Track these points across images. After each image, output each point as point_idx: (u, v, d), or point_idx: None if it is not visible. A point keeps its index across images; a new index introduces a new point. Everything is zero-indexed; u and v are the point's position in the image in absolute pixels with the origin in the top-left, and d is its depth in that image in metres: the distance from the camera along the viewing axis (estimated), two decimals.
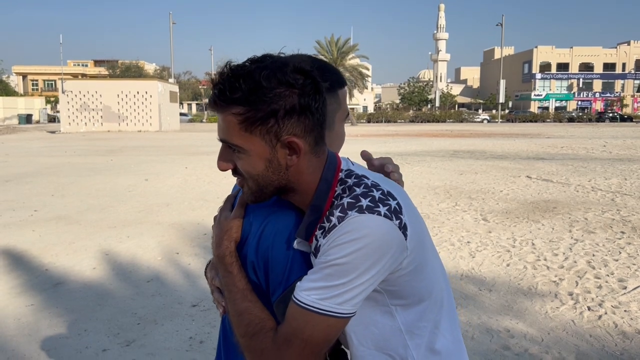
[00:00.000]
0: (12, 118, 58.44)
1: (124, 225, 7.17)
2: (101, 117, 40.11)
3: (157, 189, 10.39)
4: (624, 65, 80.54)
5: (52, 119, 62.53)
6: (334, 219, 1.02)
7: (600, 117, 61.83)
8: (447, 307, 1.19)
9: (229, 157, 1.08)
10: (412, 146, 21.73)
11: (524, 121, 61.21)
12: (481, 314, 4.08)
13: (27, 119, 57.39)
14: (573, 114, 66.37)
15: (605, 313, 4.12)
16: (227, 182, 11.29)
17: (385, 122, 63.92)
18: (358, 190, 1.04)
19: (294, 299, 1.02)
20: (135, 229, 6.96)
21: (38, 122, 61.47)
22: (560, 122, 60.35)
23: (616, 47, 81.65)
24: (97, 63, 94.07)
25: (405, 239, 1.02)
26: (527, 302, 4.35)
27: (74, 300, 4.47)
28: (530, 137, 29.02)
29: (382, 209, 1.00)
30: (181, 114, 55.01)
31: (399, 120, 65.59)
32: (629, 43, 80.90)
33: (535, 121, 61.06)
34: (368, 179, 1.08)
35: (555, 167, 13.88)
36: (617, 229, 6.84)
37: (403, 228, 1.02)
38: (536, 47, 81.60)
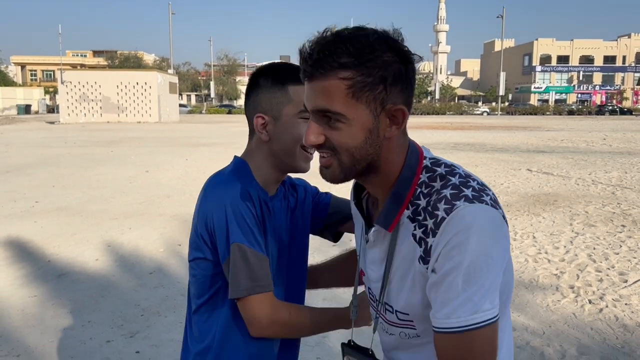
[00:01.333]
0: (10, 108, 58.29)
1: (125, 216, 7.18)
2: (100, 108, 40.01)
3: (157, 180, 10.39)
4: (624, 58, 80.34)
5: (51, 110, 62.37)
6: (439, 212, 0.95)
7: (600, 110, 61.77)
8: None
9: (320, 129, 0.98)
10: (412, 138, 21.64)
11: (524, 114, 61.15)
12: None
13: (26, 109, 57.31)
14: (573, 107, 66.33)
15: (607, 306, 4.14)
16: None
17: None
18: (454, 180, 0.99)
19: (443, 330, 0.93)
20: (137, 220, 6.97)
21: (37, 112, 61.33)
22: (560, 114, 60.31)
23: (617, 40, 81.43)
24: (96, 53, 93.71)
25: (507, 229, 0.99)
26: (528, 295, 4.37)
27: (77, 291, 4.48)
28: (530, 129, 29.00)
29: (487, 199, 0.96)
30: (180, 105, 54.92)
31: None
32: (629, 36, 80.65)
33: (535, 114, 61.00)
34: (459, 168, 1.04)
35: (556, 160, 13.89)
36: (618, 222, 6.86)
37: (504, 219, 0.99)
38: (536, 39, 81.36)
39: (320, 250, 2.53)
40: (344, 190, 1.21)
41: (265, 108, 1.28)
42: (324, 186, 1.32)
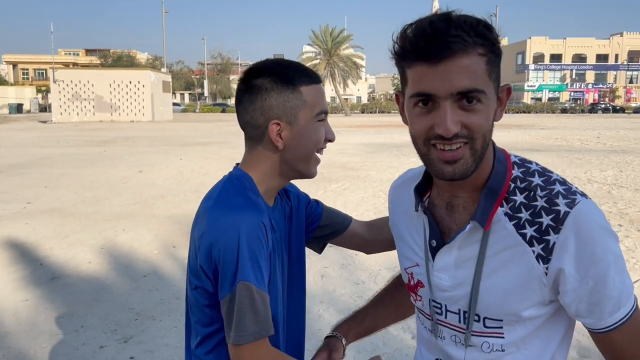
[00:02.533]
0: (2, 108, 57.81)
1: (119, 217, 7.10)
2: (93, 107, 39.75)
3: (151, 180, 10.30)
4: (616, 56, 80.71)
5: (43, 109, 61.95)
6: (560, 207, 0.92)
7: (593, 108, 62.05)
8: None
9: (457, 115, 0.89)
10: (407, 137, 21.33)
11: (517, 112, 61.31)
12: None
13: (18, 108, 56.83)
14: (566, 105, 66.55)
15: None
16: (222, 173, 11.12)
17: (379, 112, 63.85)
18: (554, 175, 0.99)
19: (620, 322, 0.93)
20: (131, 221, 6.89)
21: (29, 111, 60.89)
22: (554, 113, 60.52)
23: (609, 39, 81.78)
24: (89, 52, 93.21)
25: None
26: None
27: (70, 295, 4.41)
28: (524, 128, 29.06)
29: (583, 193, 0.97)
30: (174, 104, 54.68)
31: (393, 111, 65.49)
32: (621, 34, 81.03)
33: (529, 112, 61.18)
34: (545, 166, 1.04)
35: (551, 158, 13.90)
36: (615, 221, 6.85)
37: None
38: (530, 38, 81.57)
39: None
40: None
41: (278, 113, 1.16)
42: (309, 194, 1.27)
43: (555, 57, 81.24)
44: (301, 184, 1.42)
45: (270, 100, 1.15)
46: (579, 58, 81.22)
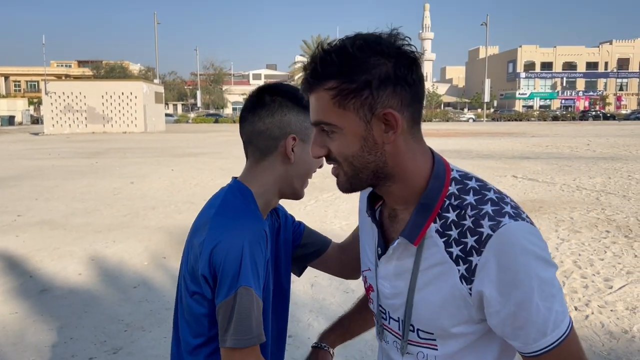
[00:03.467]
0: None
1: (109, 229, 7.09)
2: (85, 118, 39.64)
3: (143, 192, 10.30)
4: (606, 64, 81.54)
5: (35, 121, 61.73)
6: (484, 230, 0.92)
7: (583, 116, 62.59)
8: None
9: (322, 141, 1.00)
10: None
11: (509, 120, 61.73)
12: None
13: (10, 120, 56.58)
14: (557, 113, 67.09)
15: (592, 313, 4.16)
16: (214, 184, 11.22)
17: None
18: (490, 195, 0.97)
19: (547, 348, 0.92)
20: (122, 233, 6.89)
21: (21, 123, 60.63)
22: (545, 120, 60.97)
23: (598, 47, 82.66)
24: (81, 63, 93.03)
25: None
26: None
27: (59, 307, 4.40)
28: (516, 136, 29.27)
29: (524, 216, 0.95)
30: (167, 115, 54.63)
31: None
32: (610, 42, 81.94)
33: (520, 120, 61.61)
34: (488, 183, 1.02)
35: (541, 166, 14.01)
36: (602, 228, 6.92)
37: None
38: (520, 46, 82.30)
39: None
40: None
41: (296, 130, 1.23)
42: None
43: (546, 65, 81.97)
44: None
45: (290, 116, 1.23)
46: (569, 66, 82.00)
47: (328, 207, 8.47)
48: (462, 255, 0.94)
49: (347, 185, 1.01)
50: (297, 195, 1.28)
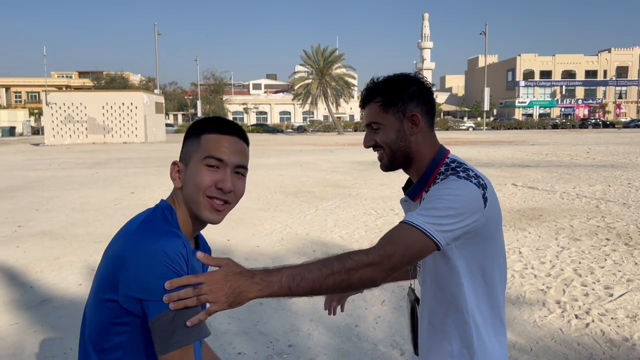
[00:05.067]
0: None
1: (110, 239, 7.05)
2: (86, 129, 39.75)
3: (143, 202, 10.30)
4: (605, 72, 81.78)
5: (36, 131, 61.87)
6: (438, 180, 1.44)
7: (583, 124, 62.68)
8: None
9: (371, 136, 1.55)
10: None
11: (508, 128, 61.85)
12: None
13: (10, 131, 56.71)
14: (557, 121, 67.20)
15: (593, 321, 4.15)
16: None
17: None
18: (458, 169, 1.45)
19: (405, 221, 1.34)
20: None
21: (21, 134, 60.76)
22: (545, 128, 61.08)
23: (597, 55, 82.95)
24: (82, 74, 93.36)
25: (484, 207, 1.38)
26: (515, 311, 4.37)
27: (59, 318, 4.40)
28: (515, 144, 29.30)
29: (473, 180, 1.40)
30: (167, 125, 54.76)
31: None
32: (609, 50, 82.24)
33: (520, 128, 61.73)
34: (467, 165, 1.48)
35: (541, 174, 14.02)
36: (602, 235, 6.92)
37: (484, 199, 1.39)
38: (519, 55, 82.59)
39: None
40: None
41: (181, 156, 1.33)
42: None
43: (545, 74, 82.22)
44: (293, 202, 1.48)
45: (183, 146, 1.35)
46: (569, 74, 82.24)
47: (328, 216, 8.47)
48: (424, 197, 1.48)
49: (388, 164, 1.56)
50: (201, 218, 1.29)
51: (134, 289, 1.14)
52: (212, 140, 1.29)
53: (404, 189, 1.64)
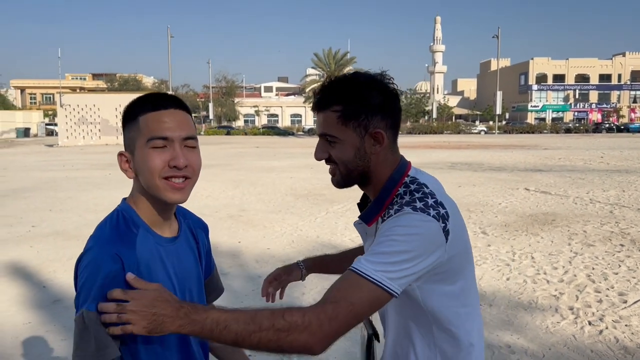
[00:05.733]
0: (10, 132, 58.45)
1: None
2: (99, 130, 40.13)
3: None
4: (619, 76, 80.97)
5: (50, 133, 62.57)
6: (392, 212, 1.23)
7: (597, 128, 62.07)
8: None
9: (325, 148, 1.33)
10: (410, 158, 21.30)
11: (521, 132, 61.41)
12: None
13: (25, 132, 57.44)
14: (570, 125, 66.62)
15: (606, 328, 4.10)
16: (225, 195, 11.27)
17: None
18: (416, 195, 1.25)
19: (352, 269, 1.17)
20: None
21: (36, 135, 61.47)
22: (557, 133, 60.57)
23: (611, 59, 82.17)
24: (95, 76, 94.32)
25: (445, 242, 1.21)
26: (527, 316, 4.33)
27: (71, 318, 4.39)
28: (528, 148, 29.10)
29: (432, 212, 1.21)
30: None
31: None
32: (624, 54, 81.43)
33: (532, 132, 61.26)
34: (427, 188, 1.28)
35: (553, 179, 13.91)
36: (616, 241, 6.84)
37: (445, 232, 1.21)
38: (532, 58, 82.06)
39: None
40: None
41: (125, 144, 1.24)
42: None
43: (558, 78, 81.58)
44: (304, 204, 1.48)
45: (124, 134, 1.25)
46: (582, 78, 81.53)
47: (339, 219, 8.46)
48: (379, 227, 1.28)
49: (341, 182, 1.35)
50: (165, 201, 1.22)
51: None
52: (151, 119, 1.19)
53: (360, 205, 1.47)
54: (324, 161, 1.35)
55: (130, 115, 1.23)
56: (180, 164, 1.18)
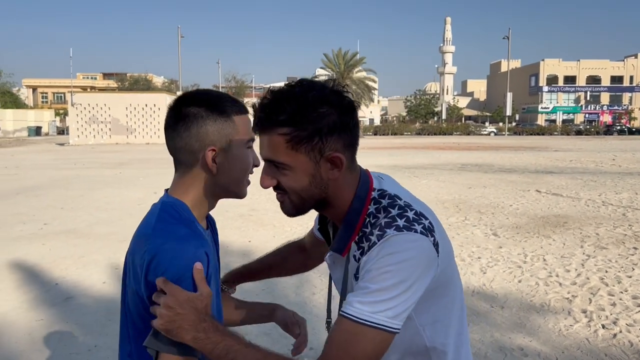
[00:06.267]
0: (21, 130, 58.96)
1: None
2: (110, 129, 40.39)
3: None
4: (631, 78, 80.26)
5: (61, 131, 63.04)
6: (373, 238, 1.08)
7: (608, 130, 61.58)
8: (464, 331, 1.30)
9: (272, 174, 1.15)
10: (420, 159, 21.70)
11: (531, 134, 61.04)
12: (493, 331, 4.04)
13: (37, 131, 57.95)
14: (581, 127, 66.15)
15: (620, 331, 4.06)
16: None
17: (391, 134, 63.96)
18: (393, 212, 1.11)
19: (345, 315, 1.04)
20: None
21: (47, 134, 61.98)
22: (568, 135, 60.16)
23: (623, 60, 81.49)
24: (106, 76, 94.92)
25: (437, 256, 1.10)
26: (540, 319, 4.30)
27: (84, 315, 4.46)
28: (538, 150, 28.92)
29: (418, 227, 1.08)
30: None
31: (406, 133, 65.60)
32: (636, 56, 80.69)
33: (543, 134, 60.89)
34: (401, 199, 1.15)
35: (565, 180, 13.80)
36: (630, 244, 6.77)
37: (436, 245, 1.09)
38: (543, 60, 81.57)
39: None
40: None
41: (214, 140, 1.20)
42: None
43: (569, 79, 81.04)
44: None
45: (207, 127, 1.20)
46: (593, 80, 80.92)
47: None
48: (359, 256, 1.13)
49: (292, 211, 1.19)
50: (241, 196, 1.30)
51: (146, 294, 1.12)
52: (245, 121, 1.25)
53: (321, 231, 1.31)
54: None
55: (222, 111, 1.21)
56: (259, 163, 1.26)
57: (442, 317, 1.19)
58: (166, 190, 1.28)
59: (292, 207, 1.18)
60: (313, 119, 1.08)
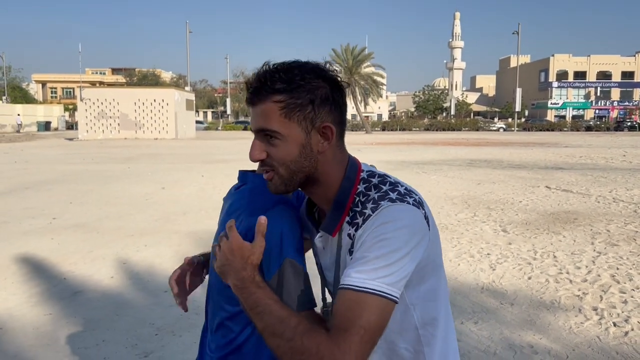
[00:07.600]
0: (31, 125, 59.34)
1: (141, 233, 7.19)
2: (118, 124, 40.54)
3: (174, 197, 10.43)
4: None
5: (70, 126, 63.38)
6: (367, 211, 1.10)
7: (618, 126, 61.04)
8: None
9: (263, 146, 1.16)
10: (428, 155, 21.59)
11: (540, 130, 60.63)
12: (503, 328, 4.00)
13: (46, 126, 58.34)
14: (591, 123, 65.61)
15: (632, 329, 4.01)
16: None
17: (400, 130, 63.76)
18: (385, 187, 1.14)
19: (344, 286, 1.05)
20: (153, 237, 6.97)
21: (56, 129, 62.36)
22: (578, 130, 59.69)
23: (634, 56, 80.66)
24: (115, 71, 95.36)
25: (428, 230, 1.13)
26: (550, 316, 4.25)
27: (92, 309, 4.46)
28: (548, 146, 28.71)
29: (410, 200, 1.12)
30: (197, 122, 55.41)
31: (414, 129, 65.38)
32: None
33: (552, 130, 60.45)
34: (390, 177, 1.18)
35: (575, 177, 13.69)
36: None
37: (426, 219, 1.13)
38: (553, 55, 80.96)
39: None
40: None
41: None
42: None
43: (579, 75, 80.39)
44: None
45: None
46: (604, 75, 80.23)
47: None
48: (353, 233, 1.13)
49: (282, 187, 1.17)
50: None
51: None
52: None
53: (309, 217, 1.30)
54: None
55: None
56: None
57: (431, 297, 1.20)
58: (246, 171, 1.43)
59: (281, 182, 1.16)
60: (307, 89, 1.11)
